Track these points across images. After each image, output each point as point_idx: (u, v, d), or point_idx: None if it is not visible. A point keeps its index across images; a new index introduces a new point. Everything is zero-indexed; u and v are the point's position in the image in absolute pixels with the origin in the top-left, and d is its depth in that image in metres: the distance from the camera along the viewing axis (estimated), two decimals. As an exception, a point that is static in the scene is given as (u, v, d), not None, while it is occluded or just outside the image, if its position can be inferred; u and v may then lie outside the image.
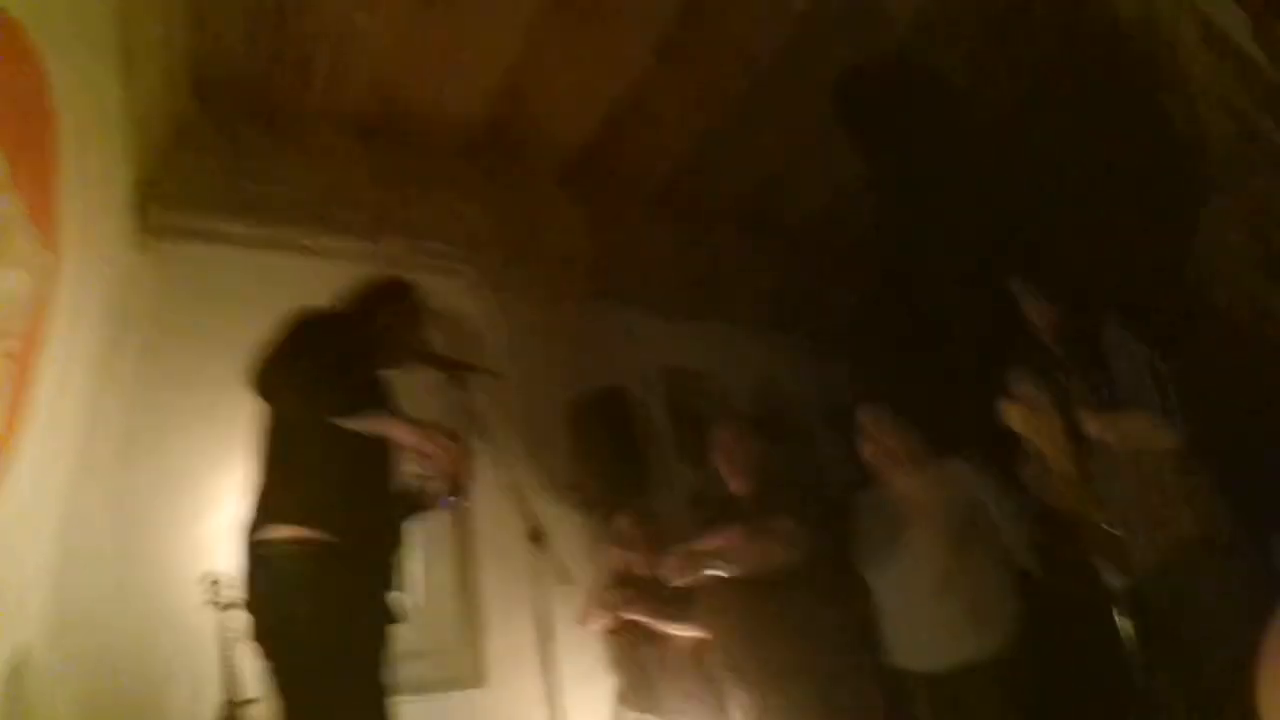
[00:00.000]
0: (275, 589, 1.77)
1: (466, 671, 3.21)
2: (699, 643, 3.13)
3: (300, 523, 1.79)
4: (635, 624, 3.29)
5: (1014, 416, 2.47)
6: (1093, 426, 2.26)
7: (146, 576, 2.54)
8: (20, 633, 2.09)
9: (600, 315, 4.09)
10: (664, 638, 3.27)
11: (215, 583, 2.41)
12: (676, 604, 3.17)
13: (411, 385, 3.00)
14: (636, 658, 3.37)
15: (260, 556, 1.80)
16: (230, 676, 2.34)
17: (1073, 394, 2.30)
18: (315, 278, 2.59)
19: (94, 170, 2.44)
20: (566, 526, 3.54)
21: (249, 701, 2.32)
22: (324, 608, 1.74)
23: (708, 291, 4.28)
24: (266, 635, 1.77)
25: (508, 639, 3.20)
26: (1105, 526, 2.19)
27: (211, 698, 2.31)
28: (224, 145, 3.12)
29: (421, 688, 3.06)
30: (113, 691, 2.37)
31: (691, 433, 3.93)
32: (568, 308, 4.02)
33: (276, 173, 3.30)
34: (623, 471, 3.76)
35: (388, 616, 1.94)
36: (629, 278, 4.11)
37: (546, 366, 3.87)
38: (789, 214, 4.22)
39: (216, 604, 2.40)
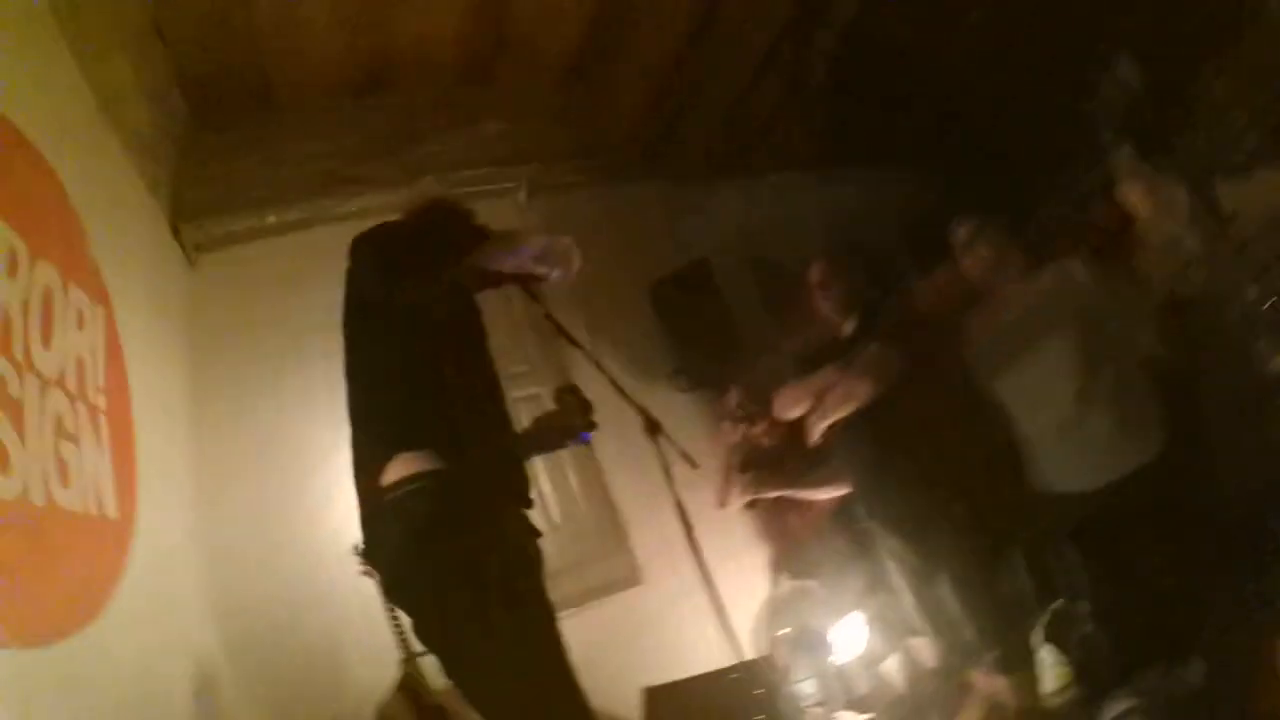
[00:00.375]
0: (397, 537, 1.65)
1: (621, 574, 3.35)
2: (841, 499, 3.12)
3: (406, 454, 1.65)
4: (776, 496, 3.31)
5: (1134, 196, 2.17)
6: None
7: (290, 563, 2.77)
8: (195, 653, 2.34)
9: (660, 196, 3.94)
10: (806, 502, 3.28)
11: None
12: (809, 465, 3.16)
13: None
14: (783, 527, 3.42)
15: (374, 506, 1.70)
16: (400, 633, 2.49)
17: (1196, 160, 1.96)
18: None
19: (119, 215, 2.52)
20: (680, 412, 3.56)
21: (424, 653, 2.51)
22: (451, 545, 1.62)
23: (764, 146, 3.99)
24: (399, 588, 1.72)
25: (653, 534, 3.28)
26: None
27: (384, 660, 2.49)
28: (233, 145, 3.14)
29: (580, 599, 3.27)
30: (290, 676, 2.63)
31: (782, 291, 3.79)
32: (625, 196, 3.89)
33: (291, 153, 3.29)
34: (721, 346, 3.68)
35: (527, 536, 1.84)
36: (676, 151, 3.89)
37: (621, 259, 3.79)
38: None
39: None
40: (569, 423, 2.06)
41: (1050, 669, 2.60)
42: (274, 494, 2.85)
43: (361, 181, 3.36)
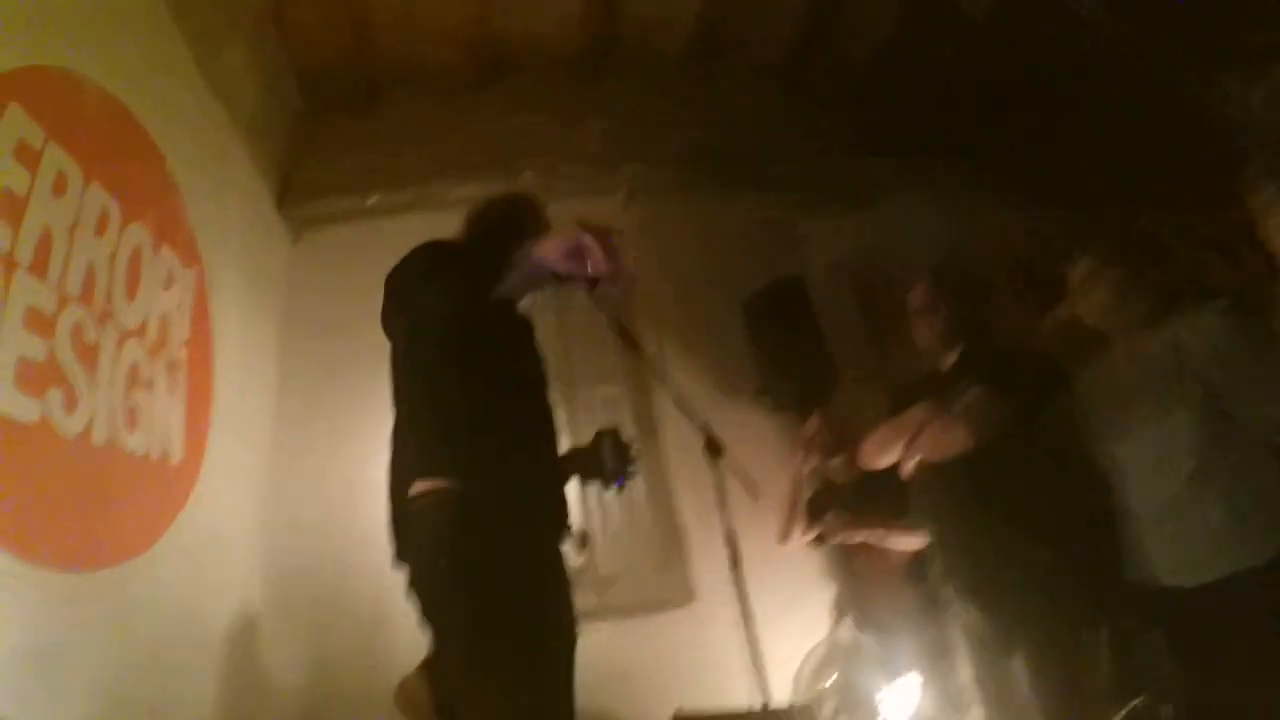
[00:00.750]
0: (417, 542, 1.76)
1: (673, 592, 3.30)
2: (916, 554, 2.91)
3: (435, 475, 1.74)
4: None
5: None
6: None
7: (346, 530, 2.91)
8: (239, 598, 2.54)
9: (760, 209, 3.85)
10: (879, 550, 3.09)
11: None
12: (886, 510, 2.98)
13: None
14: (851, 569, 3.24)
15: (401, 512, 1.81)
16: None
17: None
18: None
19: (223, 190, 2.78)
20: (756, 435, 3.47)
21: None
22: (466, 559, 1.69)
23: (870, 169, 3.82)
24: (413, 585, 1.77)
25: (714, 557, 3.21)
26: None
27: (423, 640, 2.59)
28: (343, 131, 3.36)
29: (630, 610, 3.26)
30: (337, 640, 2.79)
31: (881, 318, 3.60)
32: (725, 206, 3.83)
33: (398, 141, 3.49)
34: (810, 369, 3.52)
35: (549, 556, 1.88)
36: (777, 163, 3.80)
37: (720, 270, 3.75)
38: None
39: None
40: (600, 465, 2.06)
41: None
42: (342, 463, 3.02)
43: (465, 172, 3.50)
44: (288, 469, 2.98)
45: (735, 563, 2.27)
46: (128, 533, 2.13)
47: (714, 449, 2.12)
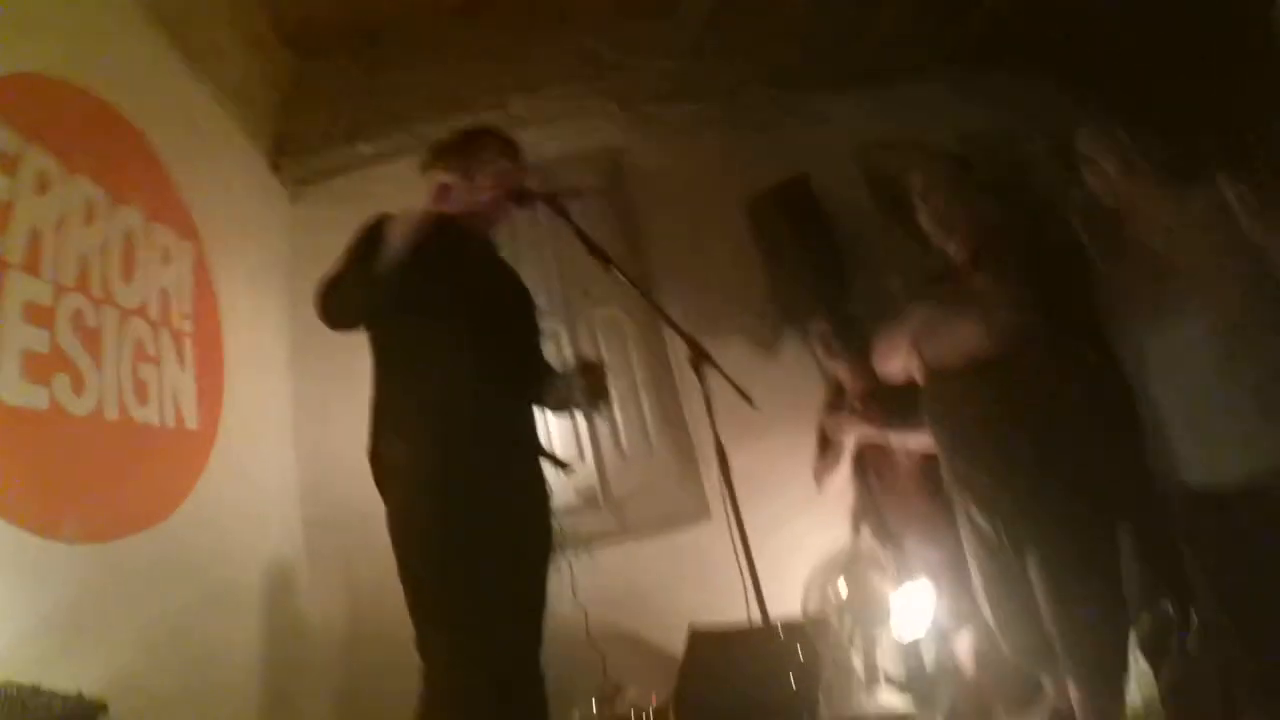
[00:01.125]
0: (393, 498, 1.96)
1: (689, 508, 3.40)
2: (927, 459, 2.92)
3: (403, 434, 1.95)
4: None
5: None
6: None
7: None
8: (272, 550, 2.78)
9: (769, 104, 3.75)
10: (890, 458, 3.11)
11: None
12: (896, 414, 2.98)
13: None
14: (865, 480, 3.27)
15: (378, 470, 2.01)
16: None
17: None
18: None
19: (212, 159, 2.90)
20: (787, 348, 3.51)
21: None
22: (438, 509, 1.86)
23: (879, 48, 3.63)
24: (395, 541, 1.94)
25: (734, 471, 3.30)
26: None
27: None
28: (335, 80, 3.42)
29: (646, 529, 3.42)
30: (370, 584, 3.02)
31: (899, 210, 3.49)
32: (729, 107, 3.75)
33: (391, 83, 3.53)
34: (819, 272, 3.44)
35: (523, 495, 2.03)
36: (784, 54, 3.66)
37: (724, 175, 3.70)
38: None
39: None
40: (572, 394, 2.14)
41: (1138, 684, 2.31)
42: (362, 414, 3.21)
43: (458, 104, 3.52)
44: (310, 424, 3.19)
45: (726, 474, 2.21)
46: (150, 499, 2.36)
47: (698, 358, 2.09)
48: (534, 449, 2.12)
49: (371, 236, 1.95)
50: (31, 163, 2.11)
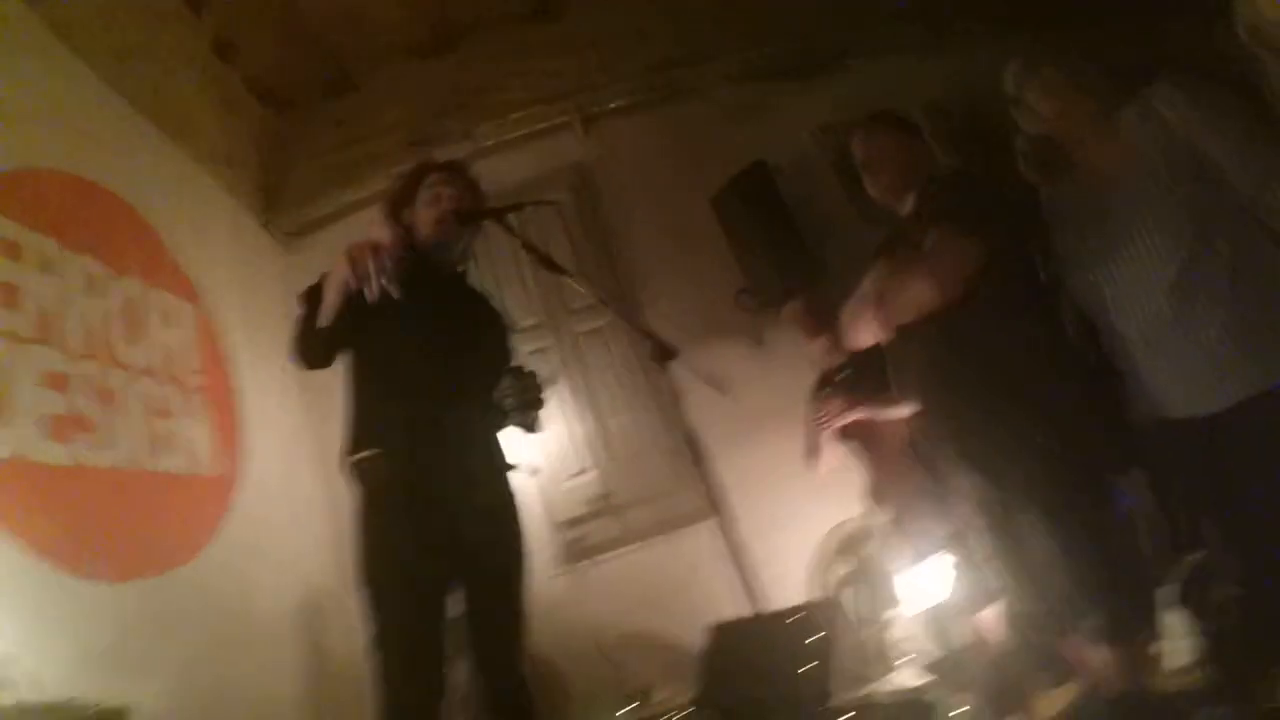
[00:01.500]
0: (360, 503, 2.14)
1: (699, 505, 3.48)
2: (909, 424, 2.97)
3: (363, 446, 2.13)
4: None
5: None
6: None
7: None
8: (303, 585, 2.99)
9: (730, 97, 3.91)
10: (875, 431, 3.16)
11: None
12: (875, 386, 3.04)
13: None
14: (862, 456, 3.32)
15: (350, 478, 2.16)
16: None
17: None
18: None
19: (202, 222, 3.17)
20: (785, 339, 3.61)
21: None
22: (388, 518, 2.08)
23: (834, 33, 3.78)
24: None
25: (728, 468, 3.39)
26: None
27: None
28: (313, 132, 3.68)
29: (652, 532, 3.57)
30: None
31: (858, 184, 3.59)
32: (693, 103, 3.92)
33: (366, 129, 3.78)
34: (783, 255, 3.51)
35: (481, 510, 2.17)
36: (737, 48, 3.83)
37: (691, 176, 3.83)
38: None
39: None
40: (505, 410, 2.19)
41: (1179, 640, 2.21)
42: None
43: (430, 142, 3.76)
44: (333, 462, 3.40)
45: (698, 461, 2.27)
46: (173, 541, 2.60)
47: (662, 354, 2.09)
48: (497, 465, 2.28)
49: (312, 295, 2.14)
50: (32, 246, 2.37)
